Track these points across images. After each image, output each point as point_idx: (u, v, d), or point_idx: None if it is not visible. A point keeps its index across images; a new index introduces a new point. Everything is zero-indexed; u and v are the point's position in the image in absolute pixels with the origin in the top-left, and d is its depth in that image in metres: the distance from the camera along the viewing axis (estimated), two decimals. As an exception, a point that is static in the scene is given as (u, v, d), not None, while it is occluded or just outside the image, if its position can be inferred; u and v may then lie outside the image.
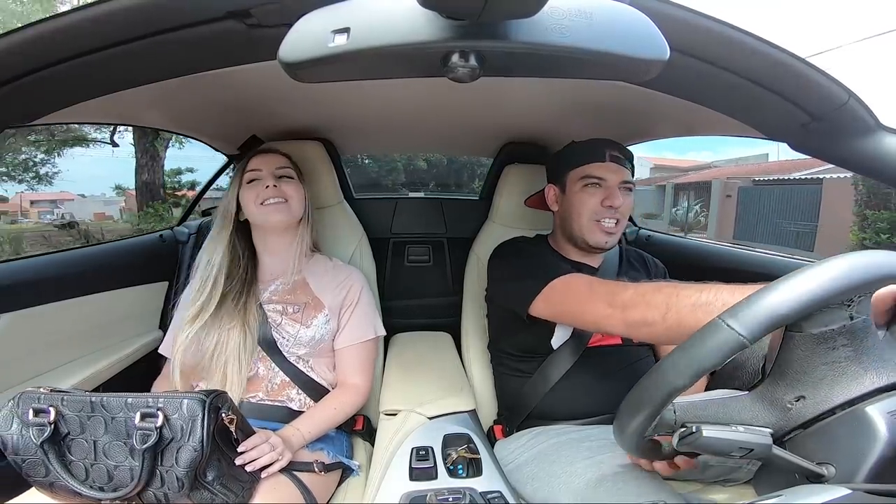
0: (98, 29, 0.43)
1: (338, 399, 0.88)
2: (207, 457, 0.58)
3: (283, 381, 0.86)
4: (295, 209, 0.90)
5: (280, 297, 0.90)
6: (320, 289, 0.92)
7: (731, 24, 0.47)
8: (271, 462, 0.68)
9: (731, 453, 0.38)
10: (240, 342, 0.83)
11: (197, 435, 0.57)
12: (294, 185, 0.91)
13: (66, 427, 0.60)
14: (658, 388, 0.40)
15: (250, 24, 0.43)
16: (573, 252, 0.95)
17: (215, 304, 0.84)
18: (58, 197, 17.81)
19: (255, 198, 0.87)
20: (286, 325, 0.87)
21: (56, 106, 0.55)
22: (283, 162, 0.92)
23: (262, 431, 0.71)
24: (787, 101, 0.54)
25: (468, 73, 0.36)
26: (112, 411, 0.59)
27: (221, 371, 0.82)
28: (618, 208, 0.85)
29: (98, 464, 0.59)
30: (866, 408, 0.37)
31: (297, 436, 0.78)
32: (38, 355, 0.91)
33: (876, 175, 0.57)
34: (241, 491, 0.63)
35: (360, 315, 0.94)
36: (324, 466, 0.77)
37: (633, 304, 0.61)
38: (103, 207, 17.15)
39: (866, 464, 0.35)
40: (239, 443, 0.66)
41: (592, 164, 0.87)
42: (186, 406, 0.58)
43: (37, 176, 10.42)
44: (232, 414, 0.63)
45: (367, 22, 0.34)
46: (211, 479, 0.59)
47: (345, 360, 0.92)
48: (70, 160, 10.41)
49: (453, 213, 1.68)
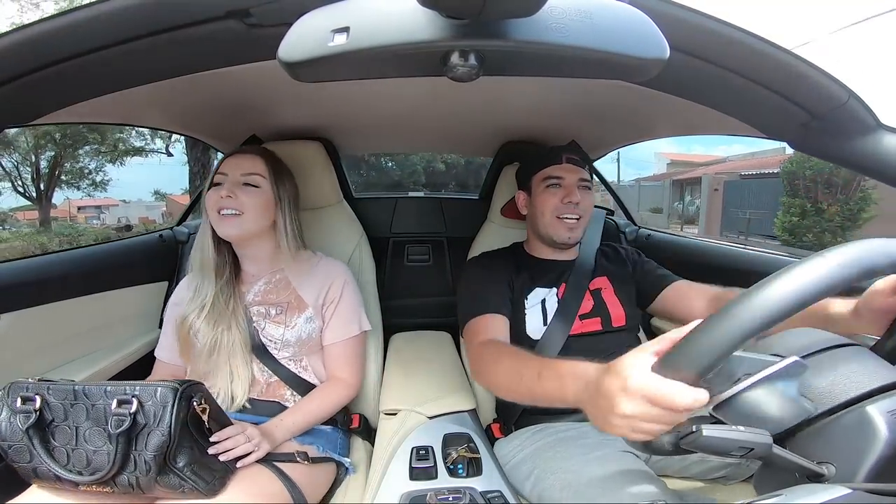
0: (98, 28, 0.43)
1: (324, 392, 0.88)
2: (177, 443, 0.61)
3: (276, 382, 0.86)
4: (250, 223, 0.83)
5: (263, 298, 0.89)
6: (302, 287, 0.91)
7: (732, 23, 0.47)
8: (246, 453, 0.69)
9: (732, 452, 0.38)
10: (236, 341, 0.83)
11: (166, 421, 0.60)
12: (256, 194, 0.84)
13: (50, 414, 0.62)
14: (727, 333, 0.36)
15: (250, 24, 0.43)
16: (546, 251, 1.01)
17: (210, 301, 0.85)
18: (103, 203, 18.09)
19: (213, 204, 0.83)
20: (270, 328, 0.87)
21: (56, 106, 0.55)
22: (253, 167, 0.85)
23: (239, 423, 0.72)
24: (788, 101, 0.54)
25: (468, 72, 0.36)
26: (93, 399, 0.62)
27: (227, 370, 0.83)
28: (577, 204, 0.92)
29: (78, 449, 0.61)
30: (866, 407, 0.37)
31: (281, 428, 0.78)
32: (38, 355, 0.91)
33: (876, 174, 0.57)
34: (212, 479, 0.64)
35: (342, 312, 0.92)
36: (306, 457, 0.77)
37: (483, 372, 0.78)
38: (146, 212, 17.57)
39: (866, 463, 0.35)
40: (212, 432, 0.67)
41: (551, 167, 0.95)
42: (160, 393, 0.61)
43: (93, 183, 11.28)
44: (205, 403, 0.65)
45: (366, 21, 0.34)
46: (181, 465, 0.61)
47: (331, 357, 0.92)
48: (114, 168, 11.33)
49: (453, 212, 1.68)
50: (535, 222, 0.98)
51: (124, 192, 17.30)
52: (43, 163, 10.53)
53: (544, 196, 0.95)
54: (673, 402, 0.38)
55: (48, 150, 10.37)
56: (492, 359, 0.75)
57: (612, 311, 0.92)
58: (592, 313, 0.92)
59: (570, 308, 0.91)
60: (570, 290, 0.93)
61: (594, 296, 0.94)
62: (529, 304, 0.93)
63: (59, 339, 0.95)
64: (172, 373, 0.92)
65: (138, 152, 10.70)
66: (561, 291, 0.94)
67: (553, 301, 0.93)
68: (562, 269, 0.97)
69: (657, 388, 0.38)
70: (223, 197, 0.82)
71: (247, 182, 0.84)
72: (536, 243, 1.02)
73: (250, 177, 0.85)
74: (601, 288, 0.95)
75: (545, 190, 0.95)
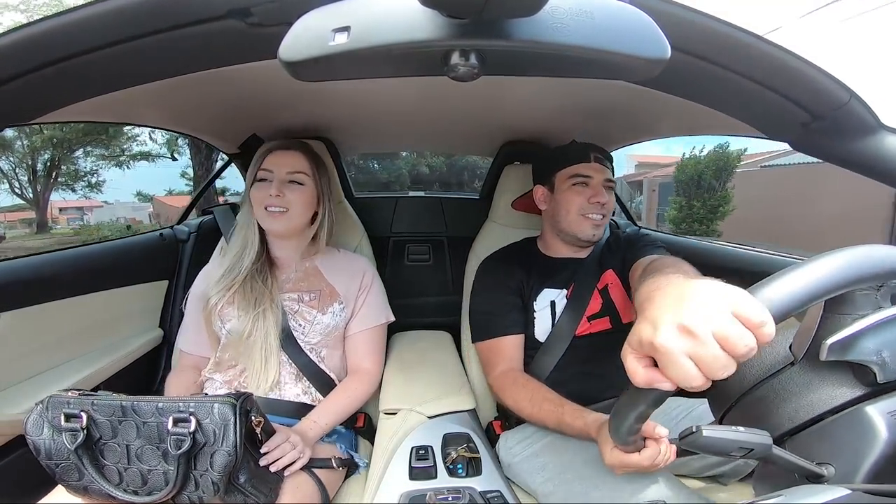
0: (98, 27, 0.43)
1: (350, 387, 0.89)
2: (240, 460, 0.59)
3: (296, 373, 0.86)
4: (296, 219, 0.89)
5: (294, 286, 0.91)
6: (333, 276, 0.93)
7: (733, 23, 0.47)
8: (293, 461, 0.69)
9: (731, 453, 0.38)
10: (270, 325, 0.84)
11: (231, 439, 0.58)
12: (301, 191, 0.89)
13: (97, 432, 0.60)
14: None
15: (250, 23, 0.43)
16: (562, 248, 1.00)
17: (240, 284, 0.86)
18: (85, 204, 17.92)
19: (260, 200, 0.87)
20: (304, 311, 0.88)
21: (56, 105, 0.55)
22: (297, 164, 0.89)
23: (282, 430, 0.71)
24: (788, 101, 0.54)
25: (469, 72, 0.36)
26: (143, 416, 0.59)
27: (260, 355, 0.83)
28: (604, 204, 0.93)
29: (131, 468, 0.59)
30: (866, 408, 0.37)
31: (315, 428, 0.78)
32: (38, 354, 0.91)
33: (877, 175, 0.57)
34: (268, 491, 0.64)
35: (373, 299, 0.96)
36: (342, 463, 0.78)
37: (502, 397, 0.89)
38: (132, 213, 17.46)
39: (866, 464, 0.35)
40: (262, 443, 0.66)
41: (580, 165, 0.94)
42: (218, 411, 0.59)
43: (88, 185, 11.26)
44: (259, 416, 0.64)
45: (367, 20, 0.34)
46: (243, 481, 0.60)
47: (357, 346, 0.93)
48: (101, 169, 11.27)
49: (453, 212, 1.68)
50: (558, 219, 0.97)
51: (108, 193, 17.20)
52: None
53: (570, 194, 0.94)
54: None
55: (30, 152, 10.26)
56: (516, 388, 0.84)
57: (621, 307, 0.92)
58: (601, 313, 0.92)
59: (577, 307, 0.91)
60: (578, 289, 0.93)
61: (602, 295, 0.93)
62: (539, 306, 0.93)
63: (60, 337, 0.95)
64: (195, 364, 0.93)
65: (144, 157, 10.76)
66: (570, 291, 0.94)
67: (563, 302, 0.93)
68: (573, 267, 0.97)
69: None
70: (272, 195, 0.85)
71: (292, 180, 0.88)
72: (554, 240, 1.01)
73: (296, 174, 0.89)
74: (609, 284, 0.95)
75: (571, 188, 0.94)
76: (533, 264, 0.99)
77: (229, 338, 0.86)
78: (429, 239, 1.65)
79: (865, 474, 0.35)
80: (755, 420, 0.42)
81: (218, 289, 0.87)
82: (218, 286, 0.87)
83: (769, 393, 0.42)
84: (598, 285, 0.94)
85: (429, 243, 1.65)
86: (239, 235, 0.92)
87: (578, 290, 0.93)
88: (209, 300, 0.87)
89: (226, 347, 0.87)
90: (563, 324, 0.90)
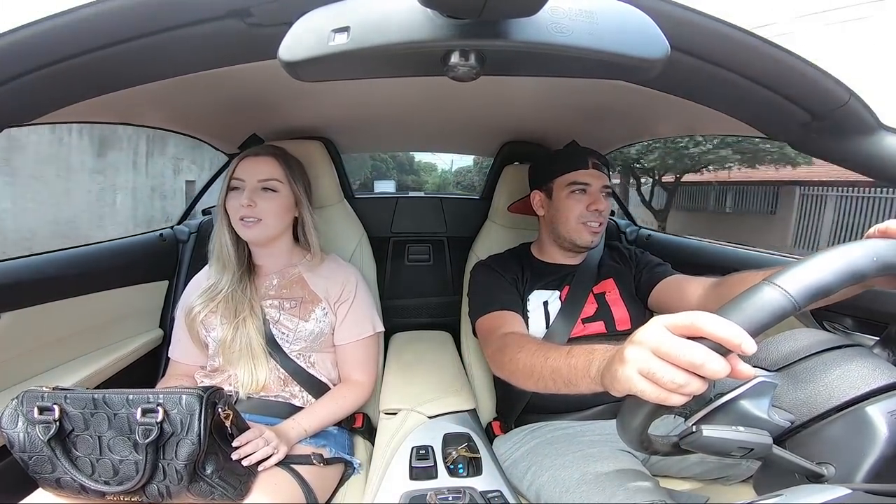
0: (98, 27, 0.43)
1: (339, 394, 0.89)
2: (205, 451, 0.60)
3: (284, 378, 0.86)
4: (271, 228, 0.86)
5: (277, 293, 0.90)
6: (316, 284, 0.92)
7: (733, 23, 0.47)
8: (267, 456, 0.69)
9: (732, 453, 0.38)
10: (252, 333, 0.84)
11: (195, 429, 0.60)
12: (274, 198, 0.86)
13: (70, 424, 0.61)
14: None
15: (250, 23, 0.43)
16: (557, 254, 0.99)
17: (223, 294, 0.86)
18: None
19: (234, 210, 0.84)
20: (284, 320, 0.88)
21: (56, 105, 0.55)
22: (269, 171, 0.86)
23: (256, 426, 0.72)
24: (788, 101, 0.54)
25: (468, 72, 0.36)
26: (114, 407, 0.61)
27: (246, 362, 0.83)
28: (602, 211, 0.92)
29: (103, 458, 0.61)
30: (866, 408, 0.37)
31: (297, 429, 0.78)
32: (38, 354, 0.91)
33: (876, 175, 0.57)
34: (238, 484, 0.64)
35: (357, 311, 0.93)
36: (322, 459, 0.78)
37: (501, 362, 0.74)
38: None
39: (866, 464, 0.35)
40: (234, 437, 0.67)
41: (577, 171, 0.93)
42: (185, 401, 0.61)
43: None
44: (228, 410, 0.65)
45: (367, 21, 0.34)
46: (209, 472, 0.61)
47: (346, 357, 0.93)
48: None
49: (453, 212, 1.68)
50: (555, 225, 0.96)
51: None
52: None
53: (569, 201, 0.93)
54: (676, 357, 0.36)
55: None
56: (516, 346, 0.72)
57: (617, 314, 0.92)
58: (595, 317, 0.91)
59: (572, 310, 0.91)
60: (573, 292, 0.93)
61: (598, 299, 0.93)
62: (531, 306, 0.93)
63: (60, 337, 0.95)
64: (186, 372, 0.93)
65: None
66: (564, 294, 0.93)
67: (556, 303, 0.92)
68: (566, 272, 0.96)
69: (660, 340, 0.38)
70: (244, 206, 0.82)
71: (265, 187, 0.85)
72: (549, 246, 1.00)
73: (269, 182, 0.85)
74: (606, 291, 0.94)
75: (570, 195, 0.93)
76: (526, 266, 0.99)
77: (215, 346, 0.86)
78: (429, 239, 1.65)
79: (866, 474, 0.35)
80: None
81: (202, 300, 0.87)
82: (202, 297, 0.87)
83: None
84: (594, 289, 0.94)
85: (429, 243, 1.65)
86: (215, 247, 0.90)
87: (574, 292, 0.93)
88: (192, 310, 0.87)
89: (214, 355, 0.88)
90: (557, 325, 0.90)
